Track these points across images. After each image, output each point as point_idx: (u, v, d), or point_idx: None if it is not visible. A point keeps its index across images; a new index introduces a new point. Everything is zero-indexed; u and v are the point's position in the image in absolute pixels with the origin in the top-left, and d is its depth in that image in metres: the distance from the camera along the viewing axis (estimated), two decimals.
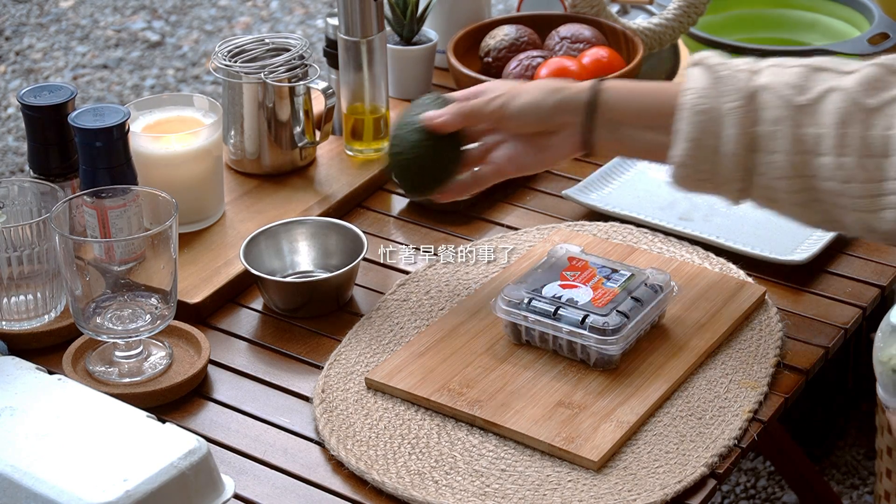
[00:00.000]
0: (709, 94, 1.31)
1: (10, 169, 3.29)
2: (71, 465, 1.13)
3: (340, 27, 1.69)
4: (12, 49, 3.85)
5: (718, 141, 1.30)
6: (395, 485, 1.23)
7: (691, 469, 1.24)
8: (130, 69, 3.72)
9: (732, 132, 1.30)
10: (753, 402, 1.32)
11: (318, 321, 1.46)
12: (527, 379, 1.34)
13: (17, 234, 1.37)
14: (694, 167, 1.32)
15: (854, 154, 1.27)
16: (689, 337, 1.39)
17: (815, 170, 1.29)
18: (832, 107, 1.28)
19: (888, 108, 1.26)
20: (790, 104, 1.29)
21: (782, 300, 1.48)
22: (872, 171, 1.26)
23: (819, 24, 2.02)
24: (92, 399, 1.22)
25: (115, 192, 1.38)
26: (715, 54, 1.35)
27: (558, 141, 1.39)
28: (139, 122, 1.58)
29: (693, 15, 1.91)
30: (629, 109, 1.36)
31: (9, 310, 1.41)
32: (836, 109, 1.27)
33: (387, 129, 1.75)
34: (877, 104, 1.27)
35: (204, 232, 1.59)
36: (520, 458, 1.26)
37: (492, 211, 1.65)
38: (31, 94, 1.46)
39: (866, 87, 1.27)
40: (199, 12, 4.04)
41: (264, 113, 1.68)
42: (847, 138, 1.27)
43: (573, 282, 1.39)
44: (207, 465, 1.16)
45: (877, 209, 1.27)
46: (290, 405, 1.35)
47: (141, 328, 1.34)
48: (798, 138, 1.28)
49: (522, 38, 1.87)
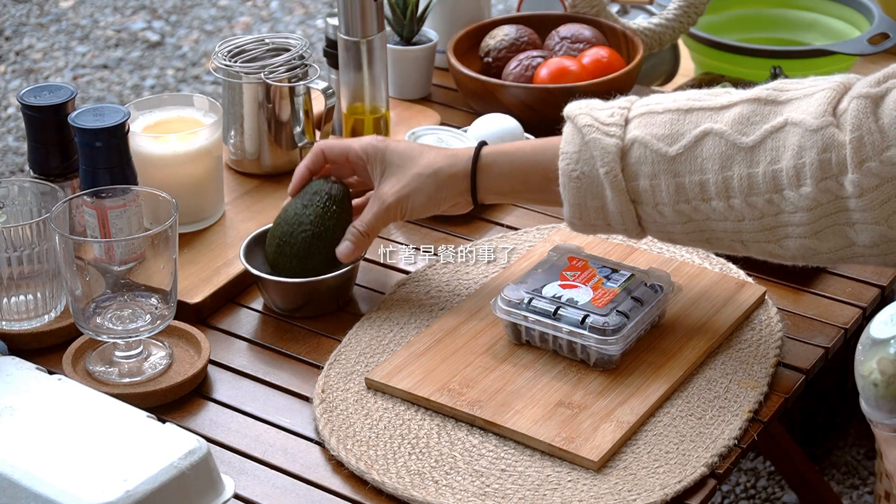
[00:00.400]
0: (581, 159, 1.33)
1: (10, 169, 3.29)
2: (71, 465, 1.13)
3: (340, 27, 1.69)
4: (12, 49, 3.85)
5: (602, 201, 1.33)
6: (395, 485, 1.23)
7: (691, 469, 1.24)
8: (130, 69, 3.72)
9: (611, 194, 1.32)
10: (753, 402, 1.32)
11: (318, 321, 1.46)
12: (527, 379, 1.34)
13: (17, 234, 1.37)
14: (584, 224, 1.36)
15: (740, 195, 1.27)
16: (689, 337, 1.39)
17: (706, 213, 1.30)
18: (710, 152, 1.28)
19: (768, 140, 1.26)
20: (664, 157, 1.30)
21: (782, 300, 1.48)
22: (763, 207, 1.27)
23: (819, 24, 2.02)
24: (92, 399, 1.22)
25: (115, 192, 1.38)
26: (586, 107, 1.35)
27: (453, 210, 1.46)
28: (139, 122, 1.58)
29: (693, 15, 1.92)
30: (511, 177, 1.41)
31: (9, 310, 1.41)
32: (714, 154, 1.28)
33: (387, 129, 1.75)
34: (754, 140, 1.27)
35: (204, 232, 1.59)
36: (520, 458, 1.26)
37: (492, 211, 1.65)
38: (31, 94, 1.46)
39: (741, 124, 1.27)
40: (199, 12, 4.03)
41: (264, 113, 1.68)
42: (731, 181, 1.27)
43: (573, 282, 1.39)
44: (207, 465, 1.16)
45: (777, 239, 1.29)
46: (290, 405, 1.35)
47: (141, 328, 1.34)
48: (679, 187, 1.30)
49: (522, 38, 1.87)
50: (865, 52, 1.85)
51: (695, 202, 1.30)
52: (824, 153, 1.23)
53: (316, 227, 1.43)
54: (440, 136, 1.69)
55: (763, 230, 1.29)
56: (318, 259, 1.44)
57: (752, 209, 1.27)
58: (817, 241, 1.27)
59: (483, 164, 1.41)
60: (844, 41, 1.90)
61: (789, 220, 1.26)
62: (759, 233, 1.29)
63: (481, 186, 1.41)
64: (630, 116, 1.33)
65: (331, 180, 1.47)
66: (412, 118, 1.83)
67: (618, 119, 1.32)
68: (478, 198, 1.42)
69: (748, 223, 1.29)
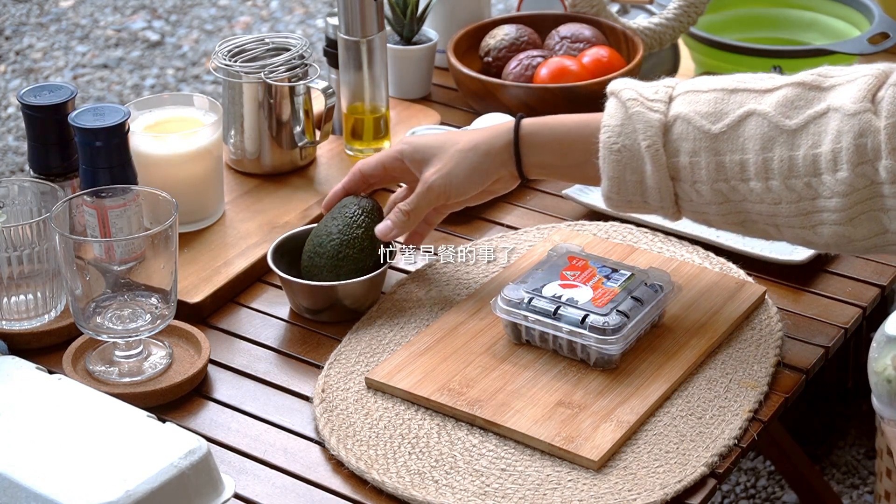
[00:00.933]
0: (623, 132, 1.33)
1: (10, 169, 3.29)
2: (71, 464, 1.13)
3: (340, 27, 1.69)
4: (12, 49, 3.85)
5: (641, 175, 1.33)
6: (395, 484, 1.23)
7: (691, 469, 1.24)
8: (130, 69, 3.72)
9: (651, 168, 1.32)
10: (753, 401, 1.32)
11: (318, 321, 1.46)
12: (527, 379, 1.34)
13: (17, 233, 1.37)
14: (621, 199, 1.36)
15: (779, 177, 1.28)
16: (689, 337, 1.39)
17: (743, 194, 1.30)
18: (752, 132, 1.28)
19: (811, 125, 1.27)
20: (707, 134, 1.30)
21: (782, 300, 1.48)
22: (802, 190, 1.27)
23: (819, 23, 2.02)
24: (92, 399, 1.22)
25: (115, 191, 1.38)
26: (630, 83, 1.36)
27: (496, 187, 1.45)
28: (139, 121, 1.58)
29: (693, 15, 1.92)
30: (553, 150, 1.40)
31: (9, 310, 1.41)
32: (756, 135, 1.28)
33: (387, 129, 1.75)
34: (798, 124, 1.27)
35: (204, 232, 1.59)
36: (520, 457, 1.26)
37: (492, 211, 1.65)
38: (31, 94, 1.46)
39: (785, 107, 1.28)
40: (199, 12, 4.03)
41: (264, 113, 1.68)
42: (771, 162, 1.28)
43: (573, 281, 1.39)
44: (207, 464, 1.16)
45: (812, 225, 1.29)
46: (290, 405, 1.35)
47: (141, 328, 1.34)
48: (720, 166, 1.30)
49: (522, 37, 1.87)
50: (865, 52, 1.85)
51: (733, 181, 1.30)
52: (860, 138, 1.24)
53: (344, 234, 1.44)
54: None
55: (799, 215, 1.29)
56: (347, 267, 1.44)
57: (789, 192, 1.28)
58: (851, 228, 1.28)
59: (524, 135, 1.41)
60: (844, 41, 1.90)
61: (825, 205, 1.27)
62: (795, 217, 1.30)
63: (525, 160, 1.41)
64: (674, 94, 1.34)
65: (361, 195, 1.48)
66: (412, 118, 1.83)
67: (662, 96, 1.34)
68: (523, 170, 1.42)
69: (784, 206, 1.29)
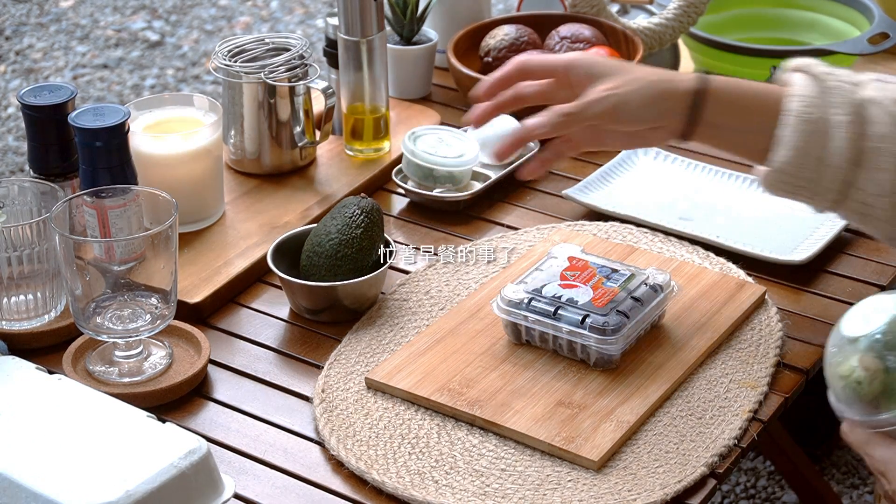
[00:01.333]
0: (816, 104, 1.27)
1: (10, 169, 3.29)
2: (71, 464, 1.13)
3: (340, 27, 1.69)
4: (12, 49, 3.85)
5: (824, 152, 1.27)
6: (395, 485, 1.23)
7: (691, 469, 1.24)
8: (130, 69, 3.72)
9: (839, 145, 1.26)
10: (753, 401, 1.32)
11: (317, 321, 1.46)
12: (527, 379, 1.34)
13: (17, 234, 1.37)
14: (794, 174, 1.29)
15: None
16: (689, 337, 1.39)
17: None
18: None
19: None
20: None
21: (782, 300, 1.48)
22: None
23: (819, 23, 2.02)
24: (92, 399, 1.22)
25: (115, 191, 1.38)
26: (817, 62, 1.31)
27: (655, 134, 1.35)
28: (139, 121, 1.58)
29: (693, 15, 1.92)
30: (733, 110, 1.31)
31: (9, 310, 1.41)
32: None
33: (387, 129, 1.75)
34: None
35: (204, 232, 1.59)
36: (520, 457, 1.26)
37: (492, 211, 1.65)
38: (31, 94, 1.46)
39: None
40: (199, 12, 4.04)
41: (264, 113, 1.68)
42: None
43: (573, 281, 1.39)
44: (207, 464, 1.16)
45: None
46: (290, 405, 1.35)
47: (141, 328, 1.34)
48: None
49: (522, 37, 1.87)
50: (865, 52, 1.85)
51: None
52: None
53: (342, 234, 1.44)
54: (440, 136, 1.69)
55: None
56: (345, 267, 1.44)
57: None
58: None
59: (713, 89, 1.31)
60: (844, 41, 1.90)
61: None
62: None
63: (704, 115, 1.31)
64: (861, 80, 1.29)
65: (361, 195, 1.48)
66: (412, 118, 1.83)
67: (851, 78, 1.29)
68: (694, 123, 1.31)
69: None
